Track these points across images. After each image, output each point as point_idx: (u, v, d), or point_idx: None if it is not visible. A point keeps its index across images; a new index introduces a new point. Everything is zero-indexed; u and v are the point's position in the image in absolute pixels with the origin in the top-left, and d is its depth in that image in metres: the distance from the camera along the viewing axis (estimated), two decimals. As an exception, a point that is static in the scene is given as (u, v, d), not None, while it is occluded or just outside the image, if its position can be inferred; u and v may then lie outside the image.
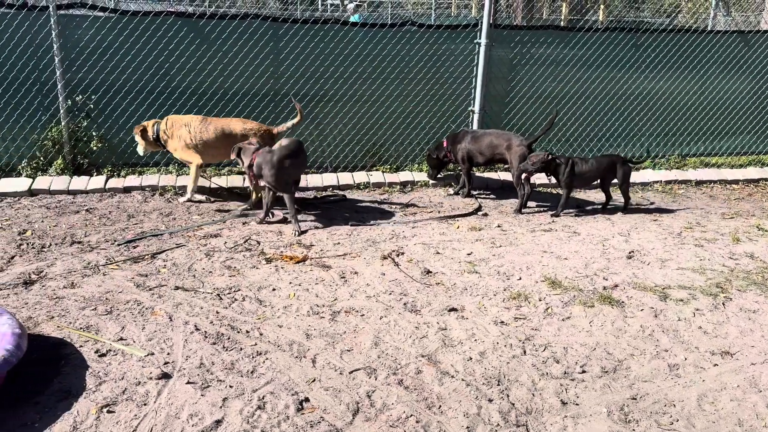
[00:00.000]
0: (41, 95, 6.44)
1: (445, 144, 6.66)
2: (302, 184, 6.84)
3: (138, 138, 6.13)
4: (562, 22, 14.51)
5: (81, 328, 3.56)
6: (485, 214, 6.11)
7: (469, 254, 4.94)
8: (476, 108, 7.29)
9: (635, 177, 7.58)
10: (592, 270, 4.69)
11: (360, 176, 7.13)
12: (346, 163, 7.31)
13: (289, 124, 6.16)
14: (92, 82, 6.48)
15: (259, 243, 5.11)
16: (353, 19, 7.98)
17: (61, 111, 6.44)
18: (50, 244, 4.90)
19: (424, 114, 7.32)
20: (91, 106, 6.42)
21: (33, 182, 6.32)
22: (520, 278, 4.49)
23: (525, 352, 3.48)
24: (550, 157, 6.03)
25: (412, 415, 2.88)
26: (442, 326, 3.75)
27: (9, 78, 6.33)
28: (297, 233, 5.37)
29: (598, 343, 3.62)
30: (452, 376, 3.22)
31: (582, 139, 7.88)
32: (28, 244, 4.90)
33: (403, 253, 4.94)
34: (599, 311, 4.00)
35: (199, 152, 6.00)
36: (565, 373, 3.29)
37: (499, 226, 5.69)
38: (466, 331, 3.69)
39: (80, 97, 6.45)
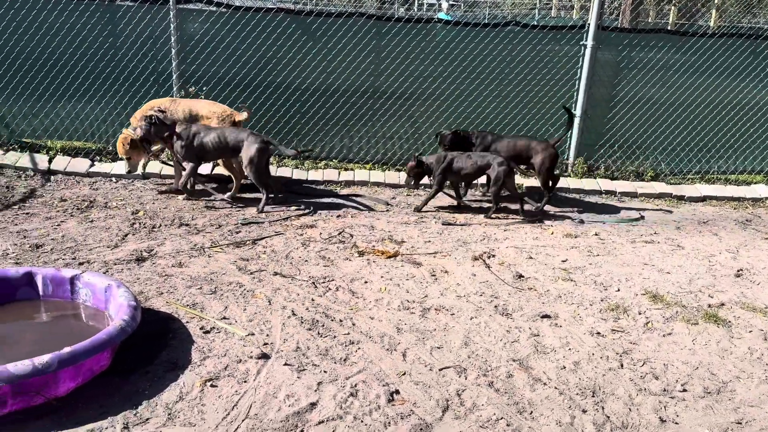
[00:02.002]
0: (157, 84, 6.87)
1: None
2: (394, 181, 6.90)
3: (127, 151, 5.92)
4: (669, 26, 13.85)
5: (187, 305, 3.77)
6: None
7: (563, 261, 4.83)
8: (578, 111, 7.10)
9: (745, 192, 7.13)
10: (697, 286, 4.46)
11: (453, 176, 7.11)
12: (440, 162, 7.31)
13: (246, 115, 6.13)
14: (205, 74, 6.84)
15: (352, 236, 5.21)
16: (442, 17, 7.94)
17: (175, 100, 6.83)
18: (160, 225, 5.22)
19: (522, 115, 7.20)
20: (202, 96, 6.77)
21: (146, 166, 6.73)
22: (619, 289, 4.34)
23: (622, 365, 3.37)
24: (417, 161, 5.94)
25: (502, 418, 2.86)
26: (535, 332, 3.69)
27: (129, 67, 6.79)
28: (179, 187, 5.83)
29: (701, 363, 3.44)
30: (545, 383, 3.16)
31: (690, 149, 7.49)
32: (140, 223, 5.24)
33: (494, 256, 4.90)
34: (703, 329, 3.81)
35: None
36: (665, 390, 3.16)
37: (596, 235, 5.51)
38: (560, 339, 3.61)
39: (193, 88, 6.82)
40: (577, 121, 7.13)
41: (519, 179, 6.95)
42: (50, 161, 6.60)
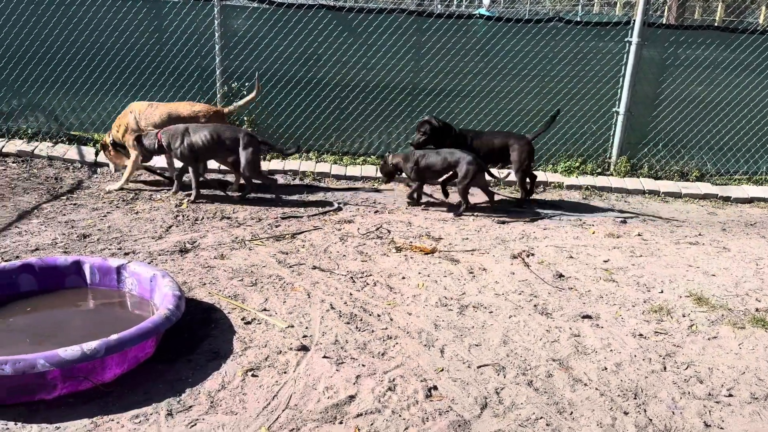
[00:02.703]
0: (201, 80, 6.99)
1: None
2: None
3: (106, 155, 6.21)
4: (716, 23, 13.47)
5: (229, 296, 3.84)
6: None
7: (605, 261, 4.75)
8: (621, 109, 6.97)
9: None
10: (744, 289, 4.34)
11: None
12: (479, 159, 7.26)
13: (242, 102, 6.14)
14: (247, 70, 6.93)
15: (389, 232, 5.22)
16: (482, 12, 7.84)
17: (218, 96, 6.94)
18: (202, 218, 5.32)
19: (564, 112, 7.09)
20: (244, 92, 6.86)
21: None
22: (662, 291, 4.25)
23: (665, 368, 3.30)
24: (384, 160, 6.03)
25: (542, 418, 2.83)
26: (575, 332, 3.64)
27: (174, 63, 6.92)
28: (188, 200, 5.69)
29: (747, 368, 3.35)
30: (585, 384, 3.12)
31: (737, 149, 7.28)
32: (183, 216, 5.35)
33: (533, 254, 4.85)
34: (750, 334, 3.70)
35: None
36: (710, 394, 3.09)
37: (639, 235, 5.41)
38: (601, 340, 3.55)
39: (235, 84, 6.92)
40: (620, 119, 7.01)
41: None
42: (97, 154, 6.78)
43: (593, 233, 5.43)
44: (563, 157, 7.21)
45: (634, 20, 6.78)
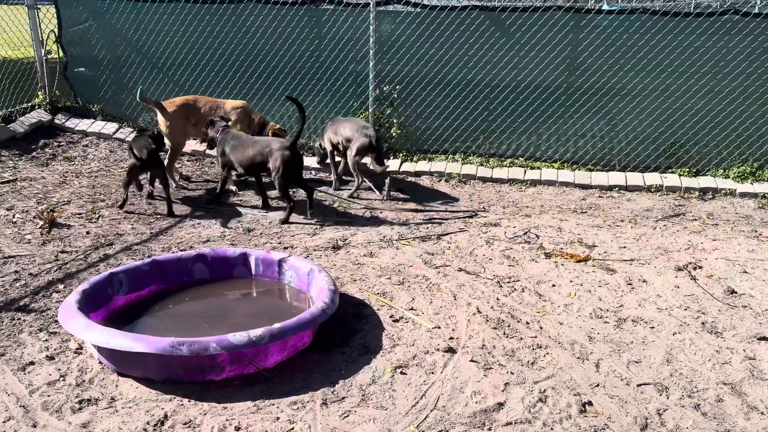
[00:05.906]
0: (355, 84, 7.23)
1: None
2: (585, 181, 6.59)
3: None
4: None
5: (378, 294, 3.94)
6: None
7: (787, 278, 4.25)
8: (808, 109, 6.21)
9: None
10: None
11: (652, 178, 6.60)
12: (638, 162, 6.82)
13: None
14: (398, 74, 7.06)
15: (538, 237, 5.07)
16: (606, 7, 7.24)
17: (370, 99, 7.14)
18: (353, 215, 5.51)
19: (738, 113, 6.44)
20: (395, 95, 7.01)
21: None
22: None
23: None
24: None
25: (711, 446, 2.60)
26: (750, 355, 3.29)
27: (331, 68, 7.23)
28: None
29: None
30: (762, 413, 2.81)
31: None
32: (336, 214, 5.57)
33: (701, 267, 4.46)
34: None
35: None
36: None
37: (829, 251, 4.78)
38: (782, 366, 3.19)
39: (387, 87, 7.08)
40: (807, 119, 6.25)
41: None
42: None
43: (772, 246, 4.89)
44: (736, 161, 6.56)
45: (829, 8, 6.01)
